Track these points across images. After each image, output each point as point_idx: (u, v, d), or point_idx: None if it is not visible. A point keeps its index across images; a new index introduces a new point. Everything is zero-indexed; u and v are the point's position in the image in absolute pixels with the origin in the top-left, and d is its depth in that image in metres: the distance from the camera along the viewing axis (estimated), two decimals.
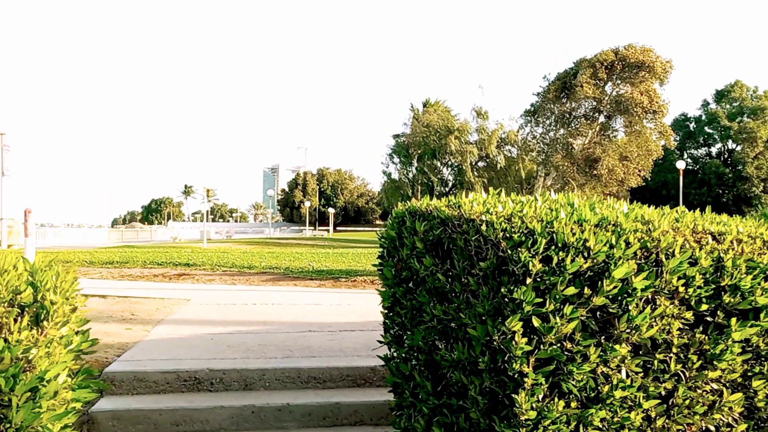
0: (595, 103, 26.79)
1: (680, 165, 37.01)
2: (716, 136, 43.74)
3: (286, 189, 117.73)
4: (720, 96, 45.34)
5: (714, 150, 45.00)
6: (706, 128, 43.60)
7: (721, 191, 41.71)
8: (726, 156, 43.66)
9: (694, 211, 2.84)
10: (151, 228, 62.09)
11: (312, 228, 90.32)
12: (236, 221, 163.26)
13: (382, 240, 3.29)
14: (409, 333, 2.89)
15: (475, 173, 42.18)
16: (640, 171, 27.09)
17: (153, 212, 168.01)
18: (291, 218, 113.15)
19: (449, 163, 43.54)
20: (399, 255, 3.00)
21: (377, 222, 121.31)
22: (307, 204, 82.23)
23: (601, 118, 27.31)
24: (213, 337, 5.03)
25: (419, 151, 42.93)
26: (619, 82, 26.66)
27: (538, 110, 28.63)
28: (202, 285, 9.17)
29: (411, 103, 49.54)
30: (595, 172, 26.49)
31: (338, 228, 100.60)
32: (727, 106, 43.56)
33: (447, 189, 44.25)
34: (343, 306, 6.98)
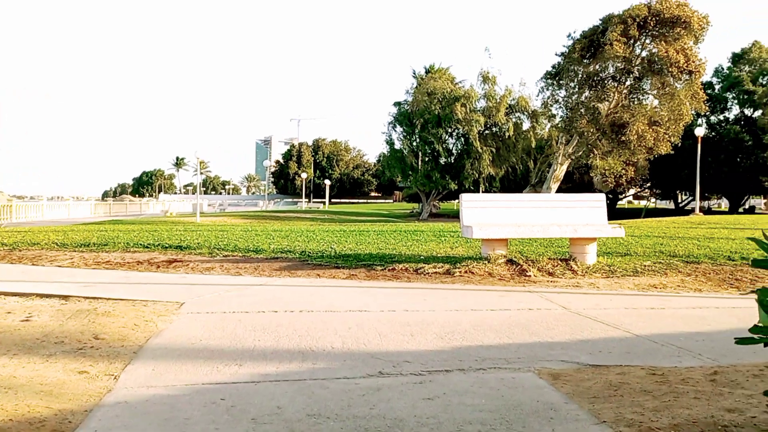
0: (625, 64, 24.48)
1: (699, 132, 34.93)
2: (735, 101, 41.50)
3: (281, 161, 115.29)
4: (737, 59, 42.99)
5: (731, 116, 42.81)
6: (725, 93, 41.33)
7: (739, 159, 39.63)
8: (743, 122, 41.49)
9: None
10: (141, 201, 59.68)
11: (307, 200, 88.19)
12: (229, 194, 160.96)
13: None
14: None
15: (483, 142, 39.96)
16: (670, 137, 24.93)
17: (144, 185, 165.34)
18: (285, 190, 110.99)
19: (455, 131, 41.24)
20: None
21: (373, 194, 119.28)
22: (303, 176, 79.87)
23: (631, 80, 25.03)
24: (223, 392, 2.94)
25: (422, 120, 40.57)
26: (651, 39, 24.34)
27: (562, 71, 26.28)
28: (198, 277, 7.06)
29: (413, 69, 47.01)
30: (622, 138, 24.29)
31: (334, 200, 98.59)
32: (747, 68, 41.24)
33: (452, 159, 42.04)
34: (403, 315, 4.89)
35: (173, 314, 4.81)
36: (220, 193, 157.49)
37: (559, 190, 29.63)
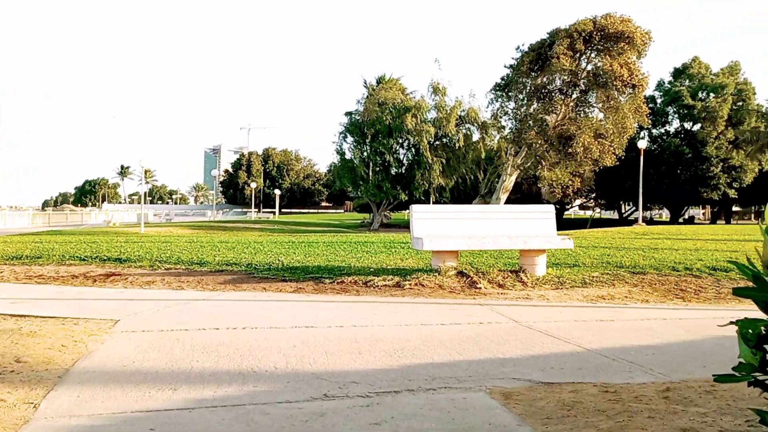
0: (571, 77, 24.96)
1: (642, 144, 35.99)
2: (676, 115, 42.93)
3: (230, 170, 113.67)
4: (678, 73, 44.54)
5: (672, 129, 44.27)
6: (666, 107, 42.70)
7: (679, 171, 40.96)
8: (683, 135, 42.97)
9: None
10: (83, 211, 57.75)
11: (256, 210, 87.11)
12: (176, 203, 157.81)
13: None
14: None
15: (433, 153, 40.18)
16: (615, 149, 25.51)
17: (87, 194, 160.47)
18: (234, 200, 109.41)
19: (406, 142, 41.37)
20: None
21: (324, 204, 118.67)
22: (253, 185, 78.85)
23: (577, 93, 25.55)
24: (154, 420, 2.71)
25: (374, 130, 40.57)
26: (597, 53, 24.91)
27: (510, 83, 26.62)
28: (137, 292, 6.73)
29: (364, 80, 47.02)
30: (569, 149, 24.73)
31: (284, 210, 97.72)
32: (687, 83, 42.75)
33: (403, 169, 42.12)
34: (351, 331, 4.72)
35: (106, 333, 4.52)
36: (167, 203, 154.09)
37: (508, 201, 29.98)
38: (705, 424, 2.62)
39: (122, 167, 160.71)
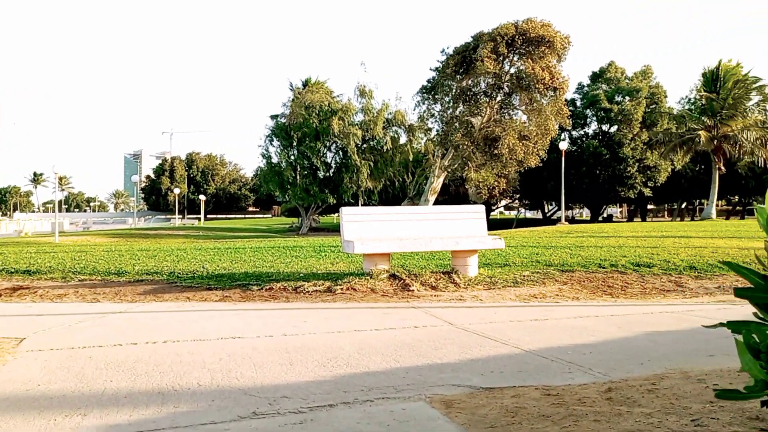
0: (495, 79, 25.40)
1: (563, 146, 37.14)
2: (594, 117, 44.54)
3: (152, 176, 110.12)
4: (596, 77, 46.28)
5: (590, 131, 45.90)
6: (585, 110, 44.25)
7: (598, 171, 42.53)
8: (601, 137, 44.63)
9: None
10: None
11: (181, 216, 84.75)
12: (95, 211, 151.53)
13: None
14: None
15: (361, 156, 40.12)
16: (538, 151, 26.14)
17: None
18: (157, 207, 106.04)
19: (333, 145, 41.13)
20: None
21: (251, 209, 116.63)
22: (176, 191, 76.62)
23: (501, 95, 26.02)
24: None
25: (300, 133, 40.15)
26: (519, 57, 25.45)
27: (437, 86, 26.84)
28: (47, 306, 6.24)
29: (290, 82, 46.67)
30: (495, 151, 25.16)
31: (209, 216, 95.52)
32: (604, 86, 44.45)
33: (331, 172, 41.86)
34: (281, 340, 4.47)
35: (8, 354, 4.10)
36: (85, 211, 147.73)
37: (436, 202, 30.23)
38: (651, 426, 2.55)
39: (35, 174, 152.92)
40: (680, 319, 5.26)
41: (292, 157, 41.05)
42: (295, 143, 40.57)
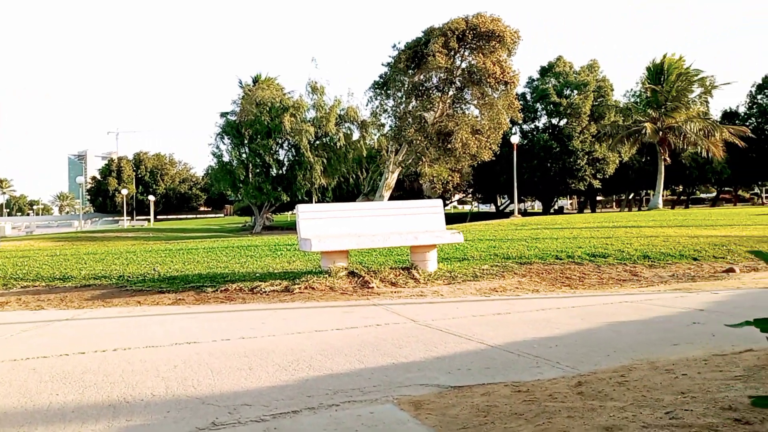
0: (447, 74, 25.47)
1: (515, 140, 37.62)
2: (544, 111, 45.25)
3: (98, 177, 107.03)
4: (545, 71, 47.01)
5: (540, 124, 46.62)
6: (536, 103, 44.91)
7: (549, 164, 43.22)
8: (551, 130, 45.37)
9: None
10: None
11: (130, 218, 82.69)
12: (38, 214, 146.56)
13: None
14: None
15: (314, 153, 39.77)
16: (491, 145, 26.35)
17: None
18: (104, 208, 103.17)
19: (285, 142, 40.66)
20: None
21: (202, 209, 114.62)
22: (124, 192, 74.68)
23: (453, 90, 26.11)
24: None
25: (252, 131, 39.55)
26: (470, 51, 25.57)
27: (389, 81, 26.76)
28: None
29: (240, 79, 45.77)
30: (448, 146, 25.25)
31: (160, 217, 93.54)
32: (553, 80, 45.19)
33: (284, 170, 41.37)
34: (239, 344, 4.30)
35: None
36: (28, 215, 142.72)
37: (391, 198, 30.19)
38: (626, 420, 2.49)
39: None
40: (640, 309, 5.29)
41: (244, 155, 40.43)
42: (246, 141, 39.96)
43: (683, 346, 3.82)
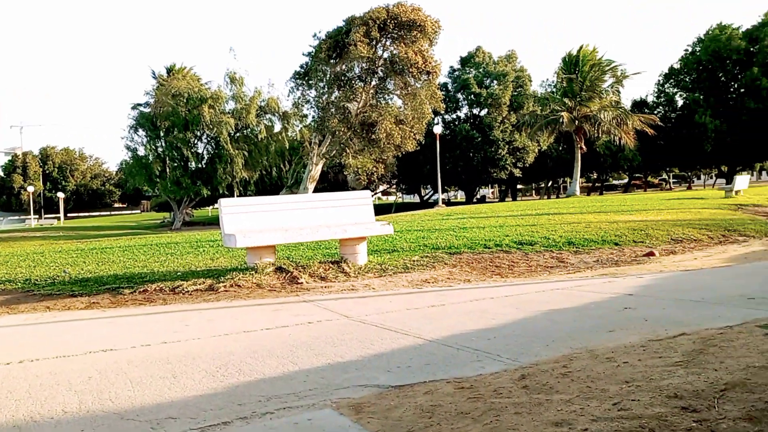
0: (369, 64, 25.32)
1: (437, 130, 38.01)
2: (466, 101, 45.89)
3: (1, 173, 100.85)
4: (465, 62, 47.64)
5: (462, 115, 47.28)
6: (457, 93, 45.46)
7: (471, 154, 43.92)
8: (473, 120, 46.09)
9: None
10: None
11: (37, 217, 78.44)
12: None
13: None
14: None
15: (235, 145, 38.78)
16: (415, 135, 26.43)
17: None
18: (8, 207, 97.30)
19: (204, 134, 39.44)
20: None
21: (117, 205, 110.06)
22: (30, 189, 70.70)
23: (376, 80, 26.00)
24: None
25: (168, 123, 38.13)
26: (392, 41, 25.50)
27: (310, 72, 26.34)
28: None
29: (153, 70, 44.11)
30: (372, 136, 25.16)
31: (70, 215, 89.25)
32: (473, 71, 45.86)
33: (203, 163, 40.14)
34: (161, 349, 4.00)
35: None
36: None
37: (316, 190, 29.86)
38: (575, 414, 2.42)
39: None
40: (572, 296, 5.32)
41: (160, 149, 38.92)
42: (162, 134, 38.48)
43: (619, 332, 3.83)
